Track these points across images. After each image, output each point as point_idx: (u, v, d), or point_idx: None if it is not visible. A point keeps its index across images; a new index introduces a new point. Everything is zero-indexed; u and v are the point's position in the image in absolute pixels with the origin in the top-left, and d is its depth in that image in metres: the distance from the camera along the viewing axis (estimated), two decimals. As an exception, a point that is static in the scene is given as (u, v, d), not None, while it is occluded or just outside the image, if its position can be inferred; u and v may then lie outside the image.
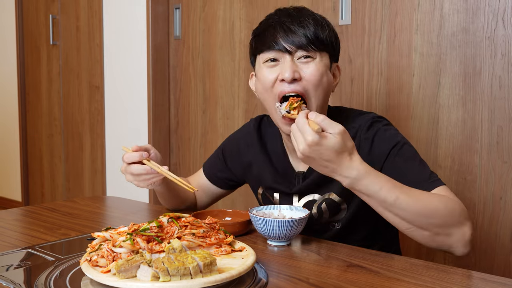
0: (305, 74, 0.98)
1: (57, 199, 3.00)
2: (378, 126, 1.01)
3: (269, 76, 1.00)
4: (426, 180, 0.93)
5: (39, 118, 3.07)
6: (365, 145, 1.00)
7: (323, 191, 1.06)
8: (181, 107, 2.36)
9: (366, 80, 1.71)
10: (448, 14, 1.52)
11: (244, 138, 1.18)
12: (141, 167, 1.00)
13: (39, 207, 1.27)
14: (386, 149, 0.98)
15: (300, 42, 0.98)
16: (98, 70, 2.64)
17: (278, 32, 0.99)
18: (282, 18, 1.01)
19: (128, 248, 0.75)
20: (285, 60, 0.99)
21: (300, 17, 1.00)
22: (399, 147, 0.98)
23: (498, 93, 1.45)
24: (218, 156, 1.23)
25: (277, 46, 0.99)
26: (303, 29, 0.98)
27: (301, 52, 0.98)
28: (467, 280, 0.79)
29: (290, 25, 0.99)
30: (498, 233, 1.47)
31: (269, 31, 1.00)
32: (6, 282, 0.76)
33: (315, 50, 0.99)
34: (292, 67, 0.98)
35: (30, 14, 3.04)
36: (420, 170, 0.95)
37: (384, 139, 0.99)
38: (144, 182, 1.03)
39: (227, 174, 1.21)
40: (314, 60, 1.00)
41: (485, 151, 1.48)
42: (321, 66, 1.00)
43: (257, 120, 1.17)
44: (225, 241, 0.83)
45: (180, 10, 2.31)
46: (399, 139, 0.99)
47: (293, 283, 0.76)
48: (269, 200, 1.14)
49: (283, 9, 1.04)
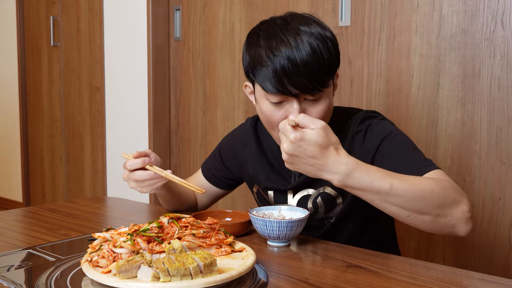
0: (312, 113, 0.94)
1: (57, 200, 3.01)
2: (371, 120, 1.00)
3: (275, 114, 0.96)
4: (419, 165, 0.91)
5: (40, 119, 3.08)
6: (358, 138, 0.99)
7: (317, 186, 1.05)
8: (182, 108, 2.37)
9: (366, 81, 1.71)
10: (447, 16, 1.53)
11: (241, 137, 1.18)
12: (145, 173, 1.00)
13: (40, 207, 1.27)
14: (378, 139, 0.97)
15: (306, 87, 0.91)
16: (99, 71, 2.64)
17: (283, 76, 0.90)
18: (281, 48, 0.91)
19: (128, 249, 0.75)
20: (292, 103, 0.94)
21: (302, 47, 0.90)
22: (392, 136, 0.97)
23: (497, 94, 1.45)
24: (215, 156, 1.24)
25: (283, 92, 0.92)
26: (306, 68, 0.90)
27: (306, 95, 0.94)
28: (466, 280, 0.79)
29: (292, 63, 0.90)
30: (497, 234, 1.48)
31: (270, 66, 0.91)
32: (7, 282, 0.77)
33: (321, 90, 0.93)
34: (298, 110, 0.93)
35: (31, 16, 3.05)
36: (413, 157, 0.93)
37: (377, 130, 0.98)
38: (148, 188, 1.02)
39: (225, 173, 1.22)
40: (322, 98, 0.95)
41: (484, 152, 1.48)
42: (327, 100, 0.96)
43: (254, 120, 1.17)
44: (225, 242, 0.83)
45: (180, 11, 2.32)
46: (391, 129, 0.98)
47: (293, 283, 0.76)
48: (264, 198, 1.15)
49: (281, 34, 0.93)
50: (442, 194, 0.84)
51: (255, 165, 1.14)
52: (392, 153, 0.95)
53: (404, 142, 0.97)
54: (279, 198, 1.11)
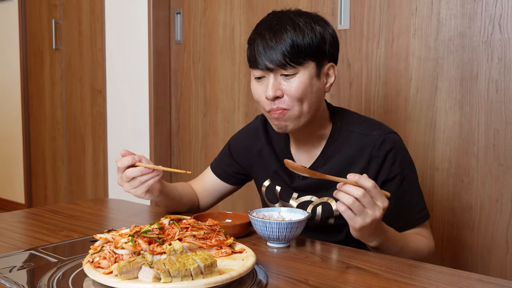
0: (287, 90, 1.00)
1: (59, 202, 3.02)
2: (391, 147, 1.04)
3: (259, 91, 1.03)
4: (415, 214, 1.06)
5: (42, 122, 3.09)
6: (375, 164, 1.04)
7: (321, 194, 1.08)
8: (182, 110, 2.38)
9: (365, 83, 1.72)
10: (445, 19, 1.54)
11: (251, 132, 1.22)
12: (136, 169, 0.98)
13: (42, 209, 1.27)
14: (392, 173, 1.04)
15: (278, 61, 0.98)
16: (100, 74, 2.66)
17: (260, 50, 1.00)
18: (263, 32, 1.01)
19: (129, 250, 0.75)
20: (269, 77, 1.01)
21: (280, 29, 0.99)
22: (404, 175, 1.05)
23: (494, 96, 1.46)
24: (225, 151, 1.26)
25: (260, 65, 1.00)
26: (280, 44, 0.98)
27: (281, 70, 0.99)
28: (464, 281, 0.79)
29: (269, 41, 0.99)
30: (495, 235, 1.49)
31: (253, 47, 1.01)
32: (9, 283, 0.77)
33: (294, 66, 0.99)
34: (274, 85, 0.99)
35: (33, 19, 3.07)
36: (415, 203, 1.07)
37: (392, 165, 1.04)
38: (141, 188, 1.00)
39: (235, 167, 1.24)
40: (296, 75, 1.00)
41: (481, 154, 1.49)
42: (304, 79, 1.00)
43: (264, 116, 1.20)
44: (226, 243, 0.83)
45: (181, 15, 2.33)
46: (405, 165, 1.05)
47: (293, 284, 0.77)
48: (273, 193, 1.17)
49: (268, 19, 1.03)
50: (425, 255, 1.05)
51: (265, 159, 1.17)
52: (400, 192, 1.05)
53: (412, 184, 1.07)
54: (284, 195, 1.14)
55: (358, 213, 0.86)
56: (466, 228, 1.54)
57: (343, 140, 1.07)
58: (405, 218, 1.06)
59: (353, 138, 1.06)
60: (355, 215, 0.86)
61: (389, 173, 1.04)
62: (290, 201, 1.13)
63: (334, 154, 1.08)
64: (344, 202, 0.85)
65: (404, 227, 1.06)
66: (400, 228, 1.05)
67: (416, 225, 1.07)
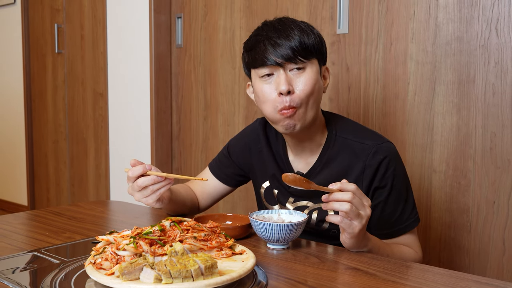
0: (298, 86, 1.02)
1: (62, 204, 3.03)
2: (383, 155, 1.06)
3: (267, 90, 1.04)
4: (402, 222, 1.08)
5: (44, 125, 3.10)
6: (369, 173, 1.06)
7: (317, 201, 1.10)
8: (183, 113, 2.40)
9: (363, 87, 1.74)
10: (442, 23, 1.55)
11: (252, 132, 1.23)
12: (148, 177, 0.98)
13: (44, 211, 1.28)
14: (384, 182, 1.06)
15: (288, 55, 1.01)
16: (102, 77, 2.67)
17: (267, 48, 1.02)
18: (269, 33, 1.04)
19: (131, 251, 0.76)
20: (279, 73, 1.03)
21: (285, 29, 1.03)
22: (394, 184, 1.06)
23: (491, 100, 1.47)
24: (223, 153, 1.28)
25: (269, 62, 1.02)
26: (289, 41, 1.01)
27: (291, 64, 1.02)
28: (461, 282, 0.80)
29: (277, 39, 1.02)
30: (492, 236, 1.50)
31: (259, 47, 1.04)
32: (12, 284, 0.77)
33: (303, 61, 1.02)
34: (286, 79, 1.02)
35: (36, 24, 3.08)
36: (402, 211, 1.08)
37: (384, 174, 1.06)
38: (153, 196, 0.99)
39: (233, 169, 1.26)
40: (306, 70, 1.03)
41: (479, 157, 1.50)
42: (312, 74, 1.03)
43: (263, 119, 1.22)
44: (226, 245, 0.84)
45: (182, 19, 2.35)
46: (396, 174, 1.07)
47: (292, 285, 0.77)
48: (272, 195, 1.18)
49: (268, 24, 1.07)
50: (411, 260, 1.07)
51: (265, 160, 1.18)
52: (389, 200, 1.07)
53: (403, 195, 1.08)
54: (282, 197, 1.15)
55: (354, 217, 0.87)
56: (463, 230, 1.55)
57: (338, 147, 1.09)
58: (392, 225, 1.07)
59: (348, 145, 1.08)
60: (351, 220, 0.88)
61: (381, 181, 1.06)
62: (286, 205, 1.15)
63: (330, 161, 1.10)
64: (343, 210, 0.87)
65: (391, 234, 1.07)
66: (387, 235, 1.07)
67: (403, 232, 1.08)
